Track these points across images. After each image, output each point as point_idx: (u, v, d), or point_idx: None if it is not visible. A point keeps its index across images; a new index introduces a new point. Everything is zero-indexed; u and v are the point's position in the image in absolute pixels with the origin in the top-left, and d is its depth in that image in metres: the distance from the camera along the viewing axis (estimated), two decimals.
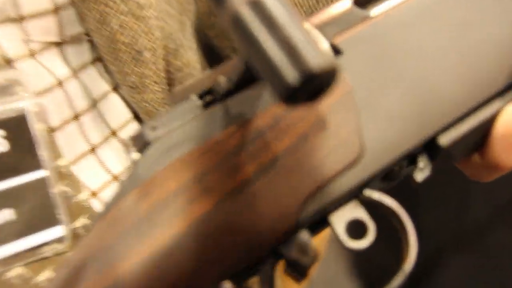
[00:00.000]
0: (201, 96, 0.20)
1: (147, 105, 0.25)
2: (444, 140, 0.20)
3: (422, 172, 0.21)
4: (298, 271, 0.19)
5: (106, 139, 0.26)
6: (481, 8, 0.21)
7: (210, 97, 0.20)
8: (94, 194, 0.25)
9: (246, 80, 0.19)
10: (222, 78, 0.20)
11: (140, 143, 0.20)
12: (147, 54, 0.24)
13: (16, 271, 0.22)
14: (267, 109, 0.19)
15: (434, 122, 0.20)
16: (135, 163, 0.19)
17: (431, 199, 0.66)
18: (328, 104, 0.19)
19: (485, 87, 0.21)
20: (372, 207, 0.20)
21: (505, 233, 0.63)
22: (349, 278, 0.81)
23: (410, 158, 0.21)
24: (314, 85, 0.14)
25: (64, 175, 0.24)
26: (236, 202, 0.18)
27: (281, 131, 0.19)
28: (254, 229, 0.18)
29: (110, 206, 0.18)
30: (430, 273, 0.69)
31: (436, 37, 0.21)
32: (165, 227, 0.18)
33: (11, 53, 0.23)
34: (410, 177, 0.21)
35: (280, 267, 0.20)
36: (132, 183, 0.18)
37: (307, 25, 0.14)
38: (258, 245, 0.18)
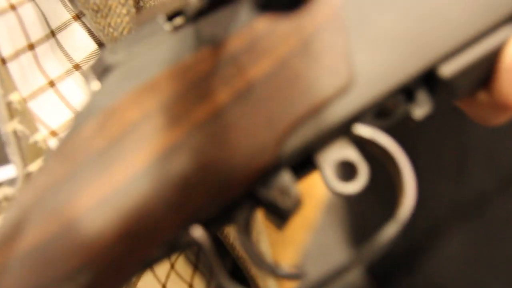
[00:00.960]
0: (169, 18, 0.18)
1: (112, 30, 0.22)
2: (446, 71, 0.19)
3: (420, 107, 0.19)
4: (278, 215, 0.18)
5: (68, 73, 0.24)
6: None
7: (179, 19, 0.18)
8: (53, 133, 0.23)
9: None
10: None
11: (99, 69, 0.18)
12: None
13: None
14: (243, 29, 0.18)
15: (435, 48, 0.19)
16: (93, 92, 0.18)
17: (429, 167, 0.64)
18: (313, 24, 0.18)
19: (494, 10, 0.19)
20: (365, 148, 0.19)
21: (508, 203, 0.61)
22: (344, 247, 0.80)
23: (408, 93, 0.19)
24: None
25: (18, 112, 0.21)
26: (206, 134, 0.17)
27: (259, 55, 0.17)
28: (227, 165, 0.17)
29: (63, 141, 0.17)
30: (427, 245, 0.67)
31: None
32: (123, 163, 0.16)
33: None
34: (408, 116, 0.19)
35: (261, 214, 0.18)
36: (88, 114, 0.17)
37: None
38: (231, 184, 0.17)
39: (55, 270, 0.16)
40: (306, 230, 0.75)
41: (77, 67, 0.24)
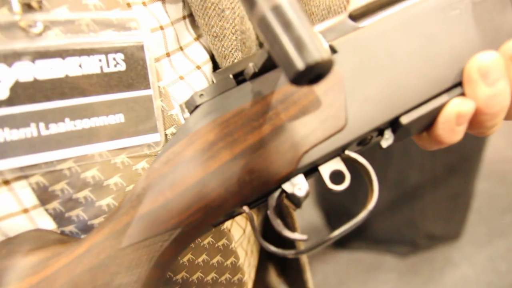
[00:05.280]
0: (235, 76, 0.24)
1: (224, 50, 0.28)
2: (405, 119, 0.24)
3: (386, 141, 0.25)
4: (294, 202, 0.24)
5: (192, 71, 0.29)
6: (445, 25, 0.23)
7: (242, 77, 0.24)
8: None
9: (268, 66, 0.23)
10: (251, 64, 0.24)
11: (191, 105, 0.24)
12: (227, 12, 0.27)
13: (121, 158, 0.25)
14: (281, 88, 0.23)
15: (399, 106, 0.24)
16: (186, 120, 0.23)
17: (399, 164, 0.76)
18: (324, 87, 0.23)
19: (438, 84, 0.24)
20: (349, 163, 0.24)
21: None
22: (326, 222, 0.92)
23: (379, 131, 0.24)
24: (315, 72, 0.15)
25: (162, 94, 0.26)
26: (254, 151, 0.22)
27: (289, 104, 0.22)
28: (265, 172, 0.22)
29: (165, 149, 0.23)
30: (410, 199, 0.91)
31: (409, 44, 0.23)
32: (204, 166, 0.21)
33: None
34: (378, 144, 0.25)
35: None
36: (182, 134, 0.23)
37: (314, 29, 0.16)
38: (268, 182, 0.22)
39: (160, 227, 0.21)
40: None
41: (198, 67, 0.29)
